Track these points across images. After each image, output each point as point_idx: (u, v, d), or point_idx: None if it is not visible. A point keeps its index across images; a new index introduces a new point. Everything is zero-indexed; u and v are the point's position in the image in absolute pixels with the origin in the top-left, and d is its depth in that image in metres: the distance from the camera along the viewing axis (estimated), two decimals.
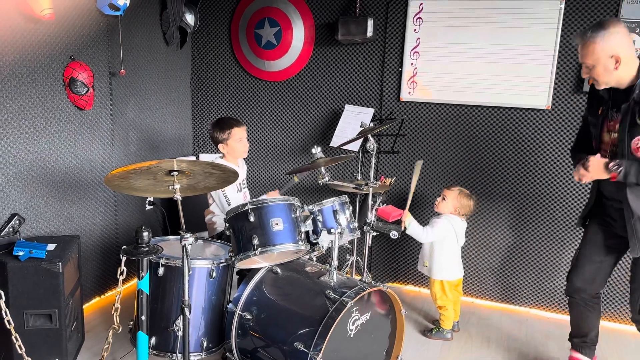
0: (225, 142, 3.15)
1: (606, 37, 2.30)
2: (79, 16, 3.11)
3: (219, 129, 3.15)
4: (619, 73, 2.34)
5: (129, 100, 3.66)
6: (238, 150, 3.19)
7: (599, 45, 2.31)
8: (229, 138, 3.15)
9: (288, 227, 2.49)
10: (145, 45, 3.77)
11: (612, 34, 2.29)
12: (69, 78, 3.07)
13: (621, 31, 2.32)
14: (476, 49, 3.62)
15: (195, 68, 4.43)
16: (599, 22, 2.35)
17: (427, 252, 3.27)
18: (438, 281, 3.24)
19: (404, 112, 3.88)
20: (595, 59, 2.34)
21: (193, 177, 2.38)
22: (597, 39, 2.30)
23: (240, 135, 3.18)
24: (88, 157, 3.33)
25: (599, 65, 2.35)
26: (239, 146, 3.18)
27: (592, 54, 2.34)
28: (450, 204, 3.22)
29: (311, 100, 4.14)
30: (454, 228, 3.20)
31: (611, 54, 2.30)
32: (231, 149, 3.17)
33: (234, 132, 3.15)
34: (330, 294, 2.35)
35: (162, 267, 2.51)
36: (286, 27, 4.03)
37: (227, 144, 3.16)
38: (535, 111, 3.57)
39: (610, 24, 2.32)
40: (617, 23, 2.35)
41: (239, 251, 2.48)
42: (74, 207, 3.26)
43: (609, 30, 2.29)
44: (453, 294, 3.26)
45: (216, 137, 3.16)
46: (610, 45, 2.30)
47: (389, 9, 3.80)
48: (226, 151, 3.18)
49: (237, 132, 3.16)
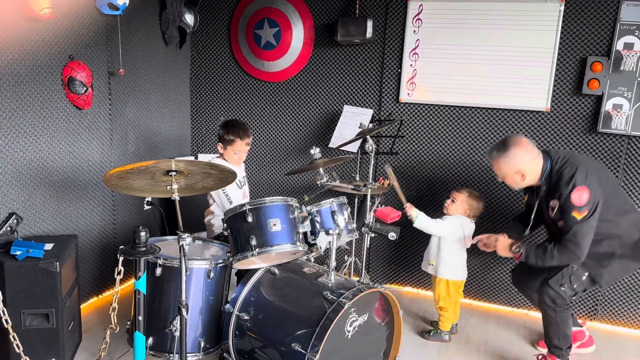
0: (224, 145, 3.16)
1: (509, 157, 2.67)
2: (78, 16, 3.11)
3: (226, 131, 3.15)
4: (526, 182, 2.74)
5: (128, 100, 3.66)
6: (232, 158, 3.18)
7: (504, 164, 2.70)
8: (230, 145, 3.15)
9: (286, 228, 2.49)
10: (144, 45, 3.77)
11: (514, 154, 2.66)
12: (67, 77, 3.06)
13: (522, 149, 2.66)
14: (475, 51, 3.62)
15: (195, 68, 4.43)
16: (503, 141, 2.71)
17: (434, 251, 3.24)
18: (444, 280, 3.21)
19: (403, 114, 3.88)
20: (504, 174, 2.76)
21: (191, 177, 2.38)
22: (501, 158, 2.70)
23: (239, 148, 3.16)
24: (86, 156, 3.33)
25: (508, 177, 2.76)
26: (234, 156, 3.18)
27: (499, 170, 2.75)
28: (460, 206, 3.21)
29: (310, 101, 4.14)
30: (463, 229, 3.19)
31: (516, 170, 2.70)
32: (227, 154, 3.18)
33: (236, 143, 3.15)
34: (328, 295, 2.35)
35: (160, 267, 2.50)
36: (286, 27, 4.03)
37: (225, 149, 3.17)
38: (535, 113, 3.57)
39: (512, 144, 2.67)
40: (518, 141, 2.68)
41: (236, 251, 2.48)
42: (72, 207, 3.25)
43: (510, 151, 2.66)
44: (455, 295, 3.25)
45: (221, 135, 3.17)
46: (514, 163, 2.68)
47: (388, 10, 3.80)
48: (223, 152, 3.20)
49: (238, 145, 3.15)
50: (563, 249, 2.62)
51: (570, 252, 2.61)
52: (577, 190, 2.56)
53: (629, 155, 3.38)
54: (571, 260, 2.65)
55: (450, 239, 3.18)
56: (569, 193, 2.57)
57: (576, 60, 3.43)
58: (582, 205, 2.55)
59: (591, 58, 3.36)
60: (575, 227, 2.58)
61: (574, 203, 2.56)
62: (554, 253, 2.64)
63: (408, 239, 3.87)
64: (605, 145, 3.44)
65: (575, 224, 2.58)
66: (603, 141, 3.44)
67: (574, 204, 2.56)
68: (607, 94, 3.35)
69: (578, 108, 3.47)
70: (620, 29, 3.29)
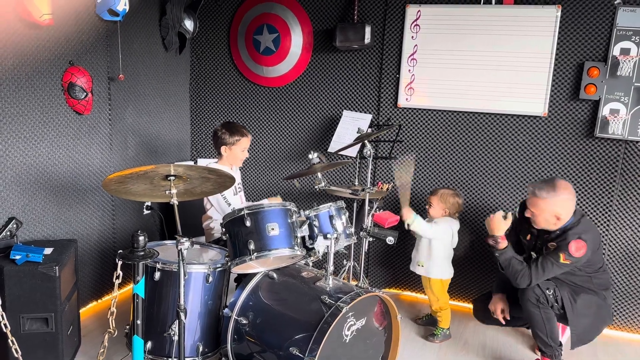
0: (229, 146, 3.16)
1: (556, 199, 2.71)
2: (78, 21, 3.13)
3: (229, 132, 3.16)
4: (555, 226, 2.78)
5: (128, 105, 3.68)
6: (238, 158, 3.21)
7: (547, 204, 2.72)
8: (235, 145, 3.16)
9: (284, 232, 2.50)
10: (144, 50, 3.79)
11: (563, 199, 2.71)
12: (67, 83, 3.08)
13: (570, 196, 2.74)
14: (473, 56, 3.64)
15: (194, 73, 4.45)
16: (552, 182, 2.75)
17: (424, 252, 3.33)
18: (437, 280, 3.30)
19: (402, 119, 3.90)
20: (540, 212, 2.77)
21: (190, 182, 2.39)
22: (547, 199, 2.72)
23: (245, 144, 3.20)
24: (86, 161, 3.34)
25: (541, 217, 2.78)
26: (240, 154, 3.21)
27: (537, 207, 2.77)
28: (439, 207, 3.32)
29: (309, 106, 4.16)
30: (452, 229, 3.32)
31: (555, 213, 2.73)
32: (233, 155, 3.19)
33: (242, 141, 3.17)
34: (326, 299, 2.36)
35: (159, 272, 2.52)
36: (285, 33, 4.05)
37: (230, 149, 3.17)
38: (532, 118, 3.59)
39: (562, 188, 2.72)
40: (567, 186, 2.74)
41: (235, 256, 2.49)
42: (71, 211, 3.26)
43: (560, 195, 2.71)
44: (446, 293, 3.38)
45: (222, 138, 3.16)
46: (558, 207, 2.72)
47: (386, 16, 3.82)
48: (227, 155, 3.19)
49: (244, 141, 3.19)
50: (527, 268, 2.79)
51: (529, 274, 2.77)
52: (579, 243, 2.69)
53: (626, 160, 3.40)
54: (523, 282, 2.79)
55: (441, 240, 3.29)
56: (571, 240, 2.70)
57: (573, 65, 3.44)
58: (573, 255, 2.70)
59: (588, 63, 3.38)
60: (550, 263, 2.75)
61: (569, 249, 2.69)
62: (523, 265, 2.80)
63: (406, 243, 3.87)
64: (602, 150, 3.45)
65: (553, 262, 2.74)
66: (600, 146, 3.45)
67: (568, 250, 2.70)
68: (604, 99, 3.37)
69: (575, 113, 3.49)
70: (617, 34, 3.31)
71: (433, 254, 3.29)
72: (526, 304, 2.82)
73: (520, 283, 2.80)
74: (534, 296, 2.79)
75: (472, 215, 3.79)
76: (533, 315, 2.82)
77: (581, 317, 2.83)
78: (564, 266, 2.74)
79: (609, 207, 3.46)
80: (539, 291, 2.79)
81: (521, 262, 2.82)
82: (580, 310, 2.82)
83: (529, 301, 2.81)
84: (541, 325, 2.82)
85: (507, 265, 2.82)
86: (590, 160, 3.49)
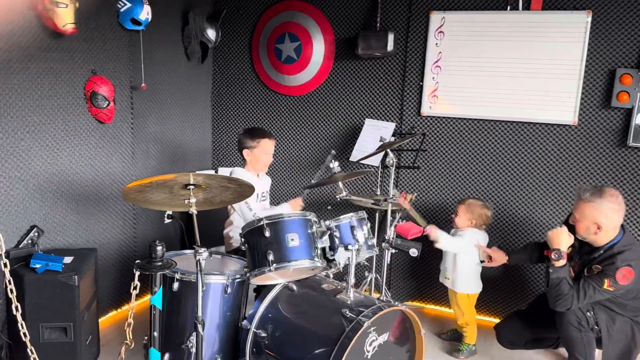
0: (251, 149, 3.14)
1: (600, 205, 2.58)
2: (100, 31, 3.16)
3: (250, 135, 3.16)
4: (595, 237, 2.63)
5: (150, 114, 3.69)
6: (261, 161, 3.18)
7: (591, 209, 2.60)
8: (257, 147, 3.15)
9: (304, 243, 2.44)
10: (166, 59, 3.80)
11: (606, 205, 2.58)
12: (90, 92, 3.10)
13: (616, 205, 2.59)
14: (499, 63, 3.54)
15: (216, 82, 4.45)
16: (600, 188, 2.65)
17: (450, 265, 3.25)
18: (464, 295, 3.22)
19: (425, 127, 3.81)
20: (582, 217, 2.65)
21: (209, 191, 2.36)
22: (592, 203, 2.60)
23: (267, 147, 3.18)
24: (108, 170, 3.35)
25: (583, 223, 2.66)
26: (263, 157, 3.18)
27: (580, 212, 2.66)
28: (465, 217, 3.22)
29: (331, 115, 4.11)
30: (478, 242, 3.20)
31: (597, 221, 2.59)
32: (255, 158, 3.16)
33: (262, 143, 3.15)
34: (347, 313, 2.29)
35: (177, 282, 2.48)
36: (306, 42, 4.02)
37: (252, 152, 3.15)
38: (561, 127, 3.47)
39: (609, 194, 2.60)
40: (616, 195, 2.61)
41: (254, 267, 2.44)
42: (92, 220, 3.26)
43: (605, 200, 2.58)
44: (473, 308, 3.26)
45: (244, 142, 3.16)
46: (601, 213, 2.58)
47: (410, 23, 3.76)
48: (249, 159, 3.17)
49: (266, 143, 3.17)
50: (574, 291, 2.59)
51: (571, 299, 2.57)
52: (628, 271, 2.52)
53: None
54: (563, 305, 2.61)
55: (467, 254, 3.19)
56: (620, 267, 2.53)
57: (604, 72, 3.32)
58: (619, 282, 2.53)
59: (620, 70, 3.25)
60: (592, 288, 2.56)
61: (616, 276, 2.52)
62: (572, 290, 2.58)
63: (430, 254, 3.77)
64: (636, 160, 3.31)
65: (596, 287, 2.55)
66: (634, 156, 3.32)
67: (615, 276, 2.52)
68: (637, 107, 3.23)
69: (607, 121, 3.36)
70: None
71: (458, 268, 3.20)
72: (567, 328, 2.66)
73: (559, 306, 2.62)
74: (576, 319, 2.63)
75: (499, 227, 3.67)
76: (574, 339, 2.66)
77: (616, 343, 2.68)
78: (606, 293, 2.56)
79: None
80: (580, 314, 2.63)
81: (571, 287, 2.60)
82: (616, 335, 2.67)
83: (570, 325, 2.64)
84: (582, 349, 2.67)
85: (556, 285, 2.60)
86: (623, 170, 3.35)
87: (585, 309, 2.64)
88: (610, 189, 2.65)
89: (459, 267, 3.19)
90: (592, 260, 2.65)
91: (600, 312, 2.66)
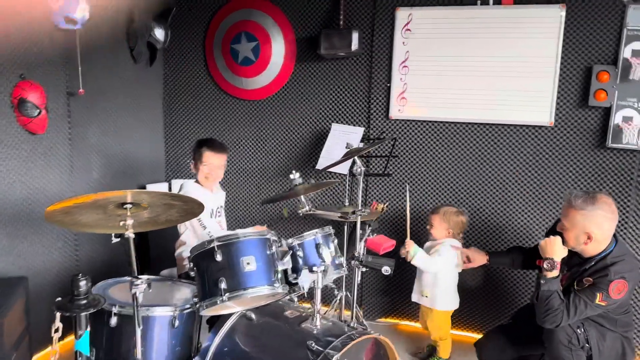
0: (197, 163, 2.90)
1: (591, 213, 2.37)
2: (30, 31, 2.79)
3: (197, 146, 2.93)
4: (585, 248, 2.42)
5: (91, 123, 3.33)
6: (205, 175, 2.91)
7: (582, 217, 2.38)
8: (201, 160, 2.89)
9: (262, 267, 2.15)
10: (109, 62, 3.45)
11: (598, 213, 2.36)
12: (17, 99, 2.74)
13: (609, 214, 2.38)
14: (471, 62, 3.34)
15: (168, 87, 4.11)
16: (593, 195, 2.42)
17: (429, 282, 3.03)
18: (442, 312, 3.03)
19: (394, 131, 3.57)
20: (572, 225, 2.42)
21: (151, 210, 2.05)
22: (583, 210, 2.38)
23: (213, 161, 2.90)
24: (41, 186, 2.97)
25: (572, 232, 2.43)
26: (207, 171, 2.90)
27: (571, 220, 2.43)
28: (441, 227, 3.04)
29: (294, 120, 3.83)
30: (457, 255, 3.01)
31: (587, 230, 2.37)
32: (200, 172, 2.90)
33: (207, 156, 2.89)
34: (313, 345, 2.01)
35: (115, 316, 2.14)
36: (265, 41, 3.74)
37: (198, 166, 2.90)
38: (537, 128, 3.28)
39: (601, 202, 2.39)
40: (609, 203, 2.40)
41: (204, 297, 2.13)
42: (24, 244, 2.88)
43: (597, 208, 2.36)
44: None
45: (193, 154, 2.95)
46: (591, 222, 2.36)
47: (375, 21, 3.52)
48: (197, 173, 2.92)
49: (211, 157, 2.89)
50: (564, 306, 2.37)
51: (561, 315, 2.35)
52: (622, 284, 2.31)
53: None
54: (551, 322, 2.38)
55: (446, 269, 3.00)
56: (614, 280, 2.31)
57: (581, 69, 3.16)
58: (611, 297, 2.32)
59: (597, 67, 3.09)
60: (583, 303, 2.34)
61: (609, 289, 2.31)
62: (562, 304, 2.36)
63: (404, 268, 3.52)
64: (615, 162, 3.15)
65: (587, 302, 2.34)
66: (613, 157, 3.15)
67: (608, 290, 2.31)
68: (615, 106, 3.08)
69: (584, 122, 3.19)
70: (627, 34, 3.04)
71: (439, 284, 2.99)
72: (557, 347, 2.43)
73: (548, 322, 2.38)
74: (566, 338, 2.40)
75: (475, 233, 3.46)
76: (564, 358, 2.45)
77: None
78: (598, 308, 2.34)
79: (623, 223, 3.15)
80: (570, 331, 2.41)
81: (562, 301, 2.37)
82: (607, 353, 2.45)
83: (560, 343, 2.41)
84: None
85: (546, 298, 2.38)
86: (602, 172, 3.18)
87: (575, 326, 2.42)
88: (602, 195, 2.44)
89: (440, 284, 2.99)
90: (583, 272, 2.43)
91: (591, 329, 2.45)
